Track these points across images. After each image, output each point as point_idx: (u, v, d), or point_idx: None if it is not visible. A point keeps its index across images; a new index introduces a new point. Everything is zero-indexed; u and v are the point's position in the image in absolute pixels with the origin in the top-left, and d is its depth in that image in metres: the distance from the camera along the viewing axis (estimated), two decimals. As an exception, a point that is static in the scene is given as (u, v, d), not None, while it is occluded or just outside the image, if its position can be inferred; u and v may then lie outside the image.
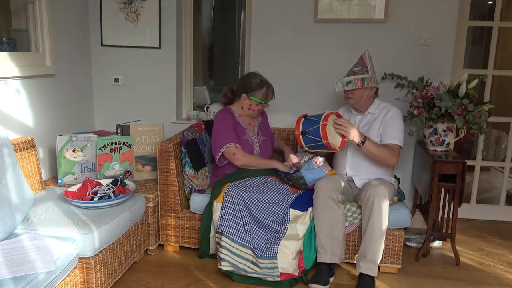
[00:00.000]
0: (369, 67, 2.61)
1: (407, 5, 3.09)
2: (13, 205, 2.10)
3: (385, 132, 2.60)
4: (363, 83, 2.56)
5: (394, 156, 2.54)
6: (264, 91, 2.68)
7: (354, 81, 2.57)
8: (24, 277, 1.64)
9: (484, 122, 2.74)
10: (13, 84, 2.62)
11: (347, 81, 2.59)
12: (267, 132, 2.90)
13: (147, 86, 3.48)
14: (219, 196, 2.58)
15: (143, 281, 2.47)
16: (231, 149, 2.62)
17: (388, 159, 2.53)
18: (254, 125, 2.83)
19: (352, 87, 2.57)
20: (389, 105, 2.69)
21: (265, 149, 2.80)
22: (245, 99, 2.70)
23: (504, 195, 3.50)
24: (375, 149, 2.50)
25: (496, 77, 3.54)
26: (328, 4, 3.17)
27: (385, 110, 2.65)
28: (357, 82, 2.56)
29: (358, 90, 2.59)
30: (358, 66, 2.62)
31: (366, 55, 2.64)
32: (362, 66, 2.61)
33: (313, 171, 2.62)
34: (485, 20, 4.39)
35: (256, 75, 2.73)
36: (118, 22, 3.37)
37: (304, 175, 2.61)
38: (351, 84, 2.57)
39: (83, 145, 2.88)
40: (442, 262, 2.80)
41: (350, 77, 2.59)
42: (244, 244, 2.45)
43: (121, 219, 2.32)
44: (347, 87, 2.59)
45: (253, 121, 2.83)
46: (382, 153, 2.51)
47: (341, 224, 2.46)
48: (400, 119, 2.63)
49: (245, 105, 2.72)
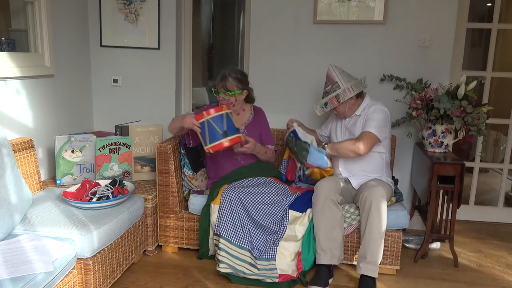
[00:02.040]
0: (339, 80, 2.60)
1: (406, 7, 3.10)
2: (11, 205, 2.10)
3: (363, 126, 2.61)
4: (338, 99, 2.60)
5: (358, 141, 2.51)
6: (218, 81, 2.72)
7: (330, 100, 2.63)
8: (23, 277, 1.63)
9: (482, 123, 2.75)
10: (12, 84, 2.62)
11: (324, 103, 2.66)
12: (257, 134, 2.83)
13: (146, 87, 3.48)
14: (216, 198, 2.58)
15: (142, 282, 2.47)
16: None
17: (352, 146, 2.53)
18: (241, 123, 2.80)
19: (330, 107, 2.64)
20: (374, 103, 2.67)
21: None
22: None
23: (503, 196, 3.50)
24: (337, 146, 2.61)
25: (494, 79, 3.55)
26: (327, 6, 3.18)
27: (367, 108, 2.66)
28: (333, 101, 2.62)
29: (338, 107, 2.64)
30: (328, 85, 2.66)
31: (331, 71, 2.65)
32: (332, 83, 2.64)
33: (320, 154, 2.60)
34: (484, 22, 4.40)
35: (227, 68, 2.77)
36: (117, 22, 3.37)
37: (310, 151, 2.61)
38: (328, 105, 2.64)
39: (82, 145, 2.88)
40: (441, 264, 2.80)
41: (325, 99, 2.66)
42: (242, 246, 2.45)
43: (120, 220, 2.32)
44: (326, 109, 2.66)
45: (240, 118, 2.82)
46: (344, 144, 2.59)
47: (340, 226, 2.46)
48: (378, 112, 2.59)
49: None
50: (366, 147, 2.51)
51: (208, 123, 2.47)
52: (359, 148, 2.51)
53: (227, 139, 2.46)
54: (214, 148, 2.47)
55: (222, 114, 2.48)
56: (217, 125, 2.46)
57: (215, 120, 2.47)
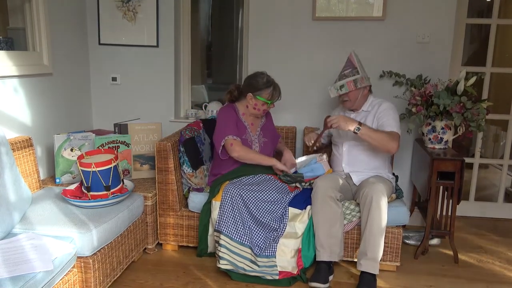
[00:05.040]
0: (359, 67, 2.60)
1: (405, 3, 3.09)
2: (10, 204, 2.09)
3: (381, 124, 2.58)
4: (355, 84, 2.57)
5: (394, 140, 2.47)
6: (271, 91, 2.67)
7: (347, 84, 2.57)
8: (22, 276, 1.63)
9: (482, 119, 2.75)
10: (11, 83, 2.62)
11: (340, 85, 2.59)
12: (269, 134, 2.87)
13: (145, 85, 3.48)
14: (217, 195, 2.58)
15: (142, 280, 2.47)
16: (229, 141, 2.62)
17: (388, 142, 2.45)
18: (256, 125, 2.82)
19: (346, 90, 2.58)
20: (382, 100, 2.69)
21: (265, 151, 2.78)
22: (251, 98, 2.69)
23: (503, 192, 3.50)
24: (373, 133, 2.45)
25: (494, 74, 3.54)
26: (326, 2, 3.17)
27: (377, 105, 2.66)
28: (350, 85, 2.57)
29: (353, 92, 2.60)
30: (347, 69, 2.63)
31: (353, 56, 2.65)
32: (352, 68, 2.61)
33: (313, 166, 2.63)
34: (483, 17, 4.39)
35: (264, 74, 2.72)
36: (116, 20, 3.36)
37: (303, 171, 2.64)
38: (344, 87, 2.58)
39: (81, 144, 2.87)
40: (441, 260, 2.80)
41: (343, 81, 2.59)
42: (242, 243, 2.45)
43: (119, 218, 2.32)
44: (341, 91, 2.60)
45: (256, 121, 2.82)
46: (381, 135, 2.45)
47: (339, 222, 2.46)
48: (393, 110, 2.62)
49: (251, 104, 2.71)
50: (398, 148, 2.50)
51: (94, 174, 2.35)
52: (393, 148, 2.47)
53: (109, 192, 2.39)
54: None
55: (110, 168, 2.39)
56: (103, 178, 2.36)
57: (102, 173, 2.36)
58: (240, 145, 2.63)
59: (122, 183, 2.48)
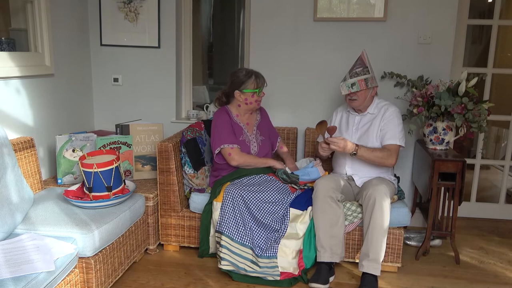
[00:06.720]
0: (369, 67, 2.61)
1: (406, 4, 3.09)
2: (12, 205, 2.10)
3: (384, 133, 2.60)
4: (366, 83, 2.56)
5: (391, 156, 2.55)
6: (254, 80, 2.69)
7: (358, 82, 2.56)
8: (24, 277, 1.64)
9: (483, 120, 2.74)
10: (13, 84, 2.62)
11: (351, 83, 2.57)
12: (266, 131, 2.89)
13: (147, 86, 3.48)
14: (218, 196, 2.58)
15: (143, 281, 2.47)
16: (227, 150, 2.64)
17: (384, 160, 2.55)
18: (252, 124, 2.82)
19: (357, 89, 2.57)
20: (388, 104, 2.69)
21: (263, 149, 2.80)
22: (239, 95, 2.71)
23: (504, 193, 3.50)
24: (369, 155, 2.54)
25: (495, 75, 3.54)
26: (327, 3, 3.17)
27: (384, 109, 2.66)
28: (361, 83, 2.56)
29: (362, 91, 2.59)
30: (359, 67, 2.61)
31: (364, 55, 2.64)
32: (363, 67, 2.60)
33: (309, 170, 2.65)
34: (485, 18, 4.39)
35: (242, 69, 2.76)
36: (117, 21, 3.37)
37: (299, 174, 2.66)
38: (356, 86, 2.57)
39: (83, 144, 2.88)
40: (442, 261, 2.80)
41: (354, 79, 2.58)
42: (244, 244, 2.45)
43: (121, 219, 2.32)
44: (353, 89, 2.58)
45: (251, 120, 2.83)
46: (377, 157, 2.54)
47: (340, 223, 2.46)
48: (398, 118, 2.63)
49: (242, 101, 2.72)
50: (396, 161, 2.59)
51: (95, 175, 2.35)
52: (391, 164, 2.59)
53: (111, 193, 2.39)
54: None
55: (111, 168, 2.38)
56: (105, 178, 2.36)
57: (103, 173, 2.36)
58: (238, 153, 2.65)
59: (123, 184, 2.48)
